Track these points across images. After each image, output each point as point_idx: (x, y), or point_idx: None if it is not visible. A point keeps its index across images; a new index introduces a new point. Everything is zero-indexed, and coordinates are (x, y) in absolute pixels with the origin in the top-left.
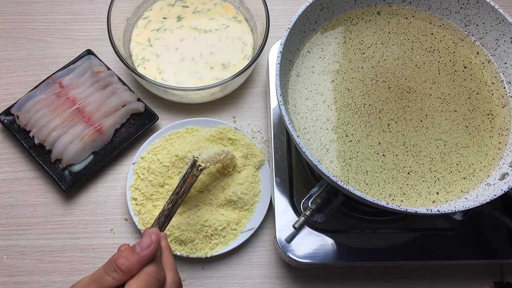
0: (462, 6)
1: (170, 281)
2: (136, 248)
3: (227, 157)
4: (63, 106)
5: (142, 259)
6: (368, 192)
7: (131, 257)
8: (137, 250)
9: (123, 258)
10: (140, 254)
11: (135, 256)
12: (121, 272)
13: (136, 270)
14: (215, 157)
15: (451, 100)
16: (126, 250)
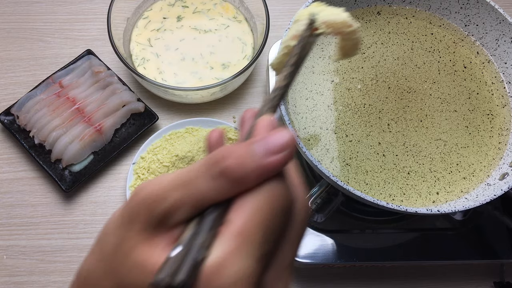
0: (462, 6)
1: (300, 208)
2: (257, 149)
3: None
4: (63, 106)
5: (267, 167)
6: (368, 192)
7: (250, 162)
8: (259, 151)
9: (234, 160)
10: (265, 161)
11: (256, 162)
12: (228, 182)
13: (252, 183)
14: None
15: (451, 100)
16: (240, 147)
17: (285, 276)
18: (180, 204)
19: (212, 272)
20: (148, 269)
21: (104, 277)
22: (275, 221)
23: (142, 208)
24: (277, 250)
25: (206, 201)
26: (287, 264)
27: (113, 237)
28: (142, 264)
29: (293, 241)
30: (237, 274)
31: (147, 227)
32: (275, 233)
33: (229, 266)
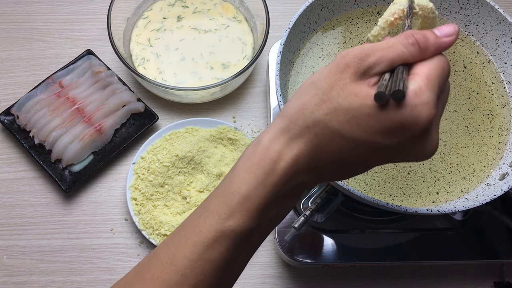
0: (462, 6)
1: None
2: (436, 31)
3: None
4: (63, 106)
5: (442, 45)
6: (368, 192)
7: (431, 37)
8: (438, 33)
9: (421, 35)
10: (440, 39)
11: (436, 38)
12: (418, 48)
13: (431, 53)
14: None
15: (451, 100)
16: (425, 31)
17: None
18: (381, 60)
19: (413, 94)
20: (361, 95)
21: (320, 103)
22: (443, 77)
23: (353, 61)
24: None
25: (398, 60)
26: (439, 116)
27: (327, 79)
28: (355, 93)
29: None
30: (429, 98)
31: (356, 73)
32: (442, 85)
33: (423, 93)
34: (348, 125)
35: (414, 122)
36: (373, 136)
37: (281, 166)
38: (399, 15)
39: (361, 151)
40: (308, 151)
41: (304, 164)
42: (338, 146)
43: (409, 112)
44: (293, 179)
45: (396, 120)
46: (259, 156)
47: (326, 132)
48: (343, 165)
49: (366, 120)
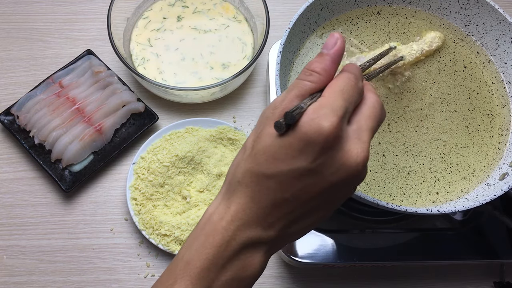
0: (462, 6)
1: (372, 100)
2: (323, 51)
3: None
4: (63, 106)
5: (333, 57)
6: (368, 192)
7: (322, 59)
8: (324, 51)
9: (315, 63)
10: (329, 53)
11: (326, 56)
12: (317, 74)
13: (331, 70)
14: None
15: (451, 100)
16: (315, 57)
17: (364, 136)
18: (291, 99)
19: (312, 111)
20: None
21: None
22: (349, 91)
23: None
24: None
25: (305, 94)
26: (365, 128)
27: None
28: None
29: (369, 116)
30: (327, 109)
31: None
32: (350, 98)
33: (322, 107)
34: (267, 163)
35: (316, 133)
36: (290, 163)
37: (222, 224)
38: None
39: (290, 184)
40: (245, 203)
41: (244, 217)
42: (268, 188)
43: (308, 126)
44: (238, 236)
45: (301, 138)
46: (202, 223)
47: (253, 179)
48: (286, 209)
49: (279, 151)
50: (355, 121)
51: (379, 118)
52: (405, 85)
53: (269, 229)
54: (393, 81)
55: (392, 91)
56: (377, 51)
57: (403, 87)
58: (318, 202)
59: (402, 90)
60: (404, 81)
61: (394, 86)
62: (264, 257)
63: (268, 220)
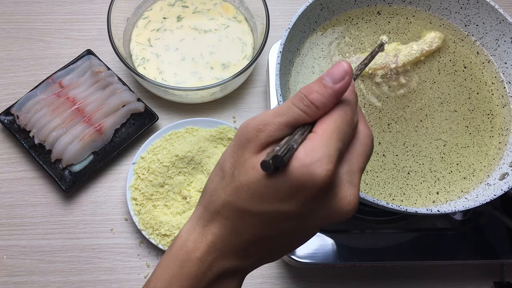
0: (462, 6)
1: (365, 135)
2: (327, 81)
3: None
4: (63, 106)
5: (337, 93)
6: (368, 192)
7: (325, 91)
8: (329, 83)
9: (315, 93)
10: (334, 88)
11: (329, 90)
12: (314, 108)
13: (330, 106)
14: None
15: (451, 100)
16: (316, 84)
17: (355, 179)
18: (279, 126)
19: (304, 154)
20: (258, 168)
21: (226, 186)
22: (345, 128)
23: (253, 134)
24: (348, 153)
25: (297, 124)
26: (356, 168)
27: (230, 159)
28: (253, 167)
29: (360, 154)
30: (323, 154)
31: (257, 146)
32: (345, 137)
33: (316, 150)
34: (251, 201)
35: (309, 181)
36: (276, 205)
37: (196, 255)
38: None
39: (274, 223)
40: (223, 234)
41: (222, 248)
42: (250, 224)
43: (301, 172)
44: (214, 267)
45: (291, 184)
46: (175, 249)
47: (235, 213)
48: (267, 242)
49: (264, 191)
50: (347, 161)
51: (369, 155)
52: (405, 85)
53: (247, 259)
54: (393, 81)
55: (392, 91)
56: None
57: (403, 87)
58: (300, 236)
59: (402, 90)
60: (404, 81)
61: (394, 86)
62: (239, 282)
63: (248, 251)
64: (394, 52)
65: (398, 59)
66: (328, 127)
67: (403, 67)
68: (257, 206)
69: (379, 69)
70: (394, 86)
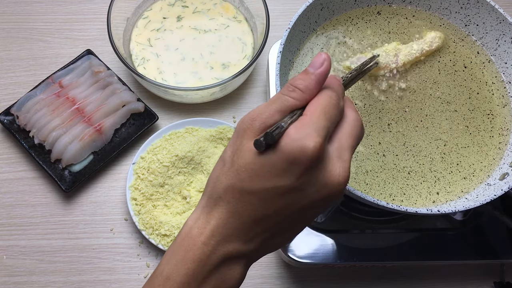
0: (462, 6)
1: (352, 118)
2: (309, 69)
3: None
4: (63, 106)
5: (319, 78)
6: (368, 192)
7: (307, 77)
8: (310, 70)
9: (299, 80)
10: (315, 73)
11: (311, 75)
12: (299, 91)
13: (314, 89)
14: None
15: (451, 100)
16: (300, 74)
17: (345, 155)
18: (271, 113)
19: (294, 130)
20: (253, 148)
21: (227, 172)
22: (331, 109)
23: (248, 123)
24: (336, 133)
25: (286, 109)
26: (346, 146)
27: (230, 149)
28: (249, 149)
29: (349, 134)
30: (310, 129)
31: (253, 134)
32: (332, 117)
33: (304, 126)
34: (250, 180)
35: (300, 154)
36: (273, 181)
37: (201, 239)
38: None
39: (273, 201)
40: (226, 218)
41: (224, 232)
42: (250, 204)
43: (292, 147)
44: (218, 250)
45: (284, 158)
46: (182, 236)
47: (235, 195)
48: (266, 224)
49: (261, 169)
50: (336, 140)
51: (359, 136)
52: (405, 85)
53: (249, 243)
54: (393, 81)
55: (392, 91)
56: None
57: (403, 87)
58: (297, 218)
59: (402, 90)
60: (404, 81)
61: (394, 86)
62: (244, 268)
63: (249, 234)
64: (394, 52)
65: (398, 59)
66: (316, 108)
67: (403, 67)
68: (254, 184)
69: (379, 69)
70: (394, 86)
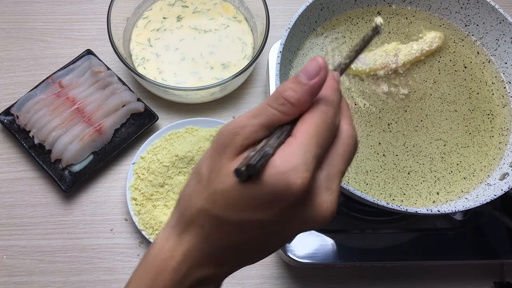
0: (462, 6)
1: (347, 135)
2: (302, 78)
3: None
4: (63, 106)
5: (313, 90)
6: (368, 192)
7: (299, 88)
8: (303, 80)
9: (289, 90)
10: (309, 84)
11: (304, 86)
12: (290, 105)
13: (306, 102)
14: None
15: (451, 100)
16: (291, 82)
17: (334, 184)
18: (258, 127)
19: (280, 160)
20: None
21: (202, 191)
22: (324, 132)
23: (229, 138)
24: (327, 156)
25: (272, 124)
26: (336, 171)
27: (207, 163)
28: (228, 174)
29: (341, 155)
30: (298, 161)
31: (234, 151)
32: (325, 142)
33: (293, 156)
34: (227, 209)
35: (285, 190)
36: (252, 213)
37: (171, 264)
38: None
39: (249, 231)
40: (198, 242)
41: (196, 258)
42: (225, 232)
43: (276, 180)
44: (190, 276)
45: (267, 192)
46: (151, 258)
47: (211, 221)
48: (242, 248)
49: (240, 200)
50: (327, 165)
51: (351, 157)
52: (405, 85)
53: (222, 266)
54: (393, 80)
55: (392, 91)
56: (377, 51)
57: (403, 87)
58: (276, 241)
59: (402, 90)
60: (404, 81)
61: (394, 86)
62: (217, 287)
63: (222, 259)
64: (394, 52)
65: (398, 58)
66: (307, 131)
67: (403, 67)
68: (232, 215)
69: (380, 69)
70: (394, 86)
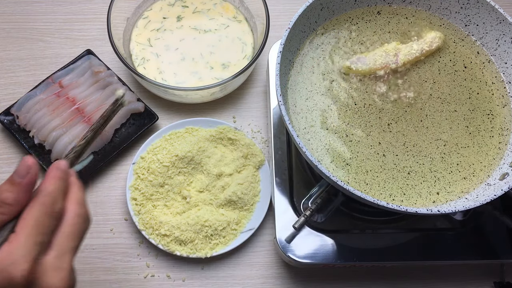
0: (462, 6)
1: (72, 215)
2: (15, 178)
3: None
4: (63, 106)
5: (26, 187)
6: (368, 192)
7: (14, 188)
8: (17, 179)
9: (6, 192)
10: (22, 183)
11: (17, 186)
12: (8, 206)
13: (24, 199)
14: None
15: (451, 100)
16: (4, 184)
17: (65, 262)
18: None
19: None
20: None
21: None
22: (45, 220)
23: None
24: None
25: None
26: (65, 250)
27: None
28: None
29: (69, 234)
30: (19, 254)
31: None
32: (46, 228)
33: (13, 251)
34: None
35: (8, 283)
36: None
37: None
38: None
39: None
40: None
41: None
42: None
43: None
44: None
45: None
46: None
47: None
48: None
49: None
50: (55, 246)
51: (81, 233)
52: (405, 85)
53: None
54: (393, 80)
55: (392, 91)
56: (377, 51)
57: (403, 87)
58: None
59: (402, 90)
60: (404, 81)
61: (394, 86)
62: None
63: None
64: (394, 52)
65: (398, 58)
66: (27, 224)
67: (403, 67)
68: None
69: (379, 69)
70: (394, 86)
